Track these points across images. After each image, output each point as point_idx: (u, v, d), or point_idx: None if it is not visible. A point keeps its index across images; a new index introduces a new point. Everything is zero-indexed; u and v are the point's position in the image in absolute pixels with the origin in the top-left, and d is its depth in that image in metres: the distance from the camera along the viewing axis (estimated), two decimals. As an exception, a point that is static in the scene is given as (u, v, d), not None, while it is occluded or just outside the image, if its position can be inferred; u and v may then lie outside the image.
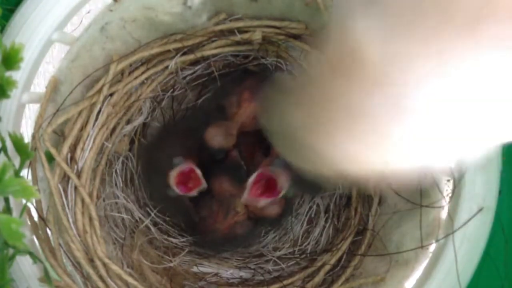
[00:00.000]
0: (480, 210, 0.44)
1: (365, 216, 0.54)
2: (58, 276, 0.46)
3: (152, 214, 0.56)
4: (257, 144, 0.57)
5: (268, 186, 0.49)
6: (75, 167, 0.47)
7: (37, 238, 0.46)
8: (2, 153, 0.41)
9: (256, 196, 0.49)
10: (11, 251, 0.37)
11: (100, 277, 0.46)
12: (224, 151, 0.54)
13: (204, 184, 0.51)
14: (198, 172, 0.51)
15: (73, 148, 0.47)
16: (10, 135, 0.41)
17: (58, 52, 0.71)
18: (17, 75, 0.42)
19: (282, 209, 0.55)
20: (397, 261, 0.48)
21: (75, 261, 0.46)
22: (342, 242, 0.53)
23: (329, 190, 0.57)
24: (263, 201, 0.49)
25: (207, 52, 0.52)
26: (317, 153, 0.30)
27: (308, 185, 0.52)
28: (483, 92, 0.23)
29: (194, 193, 0.52)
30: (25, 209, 0.43)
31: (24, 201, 0.42)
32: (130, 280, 0.46)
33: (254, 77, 0.54)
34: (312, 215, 0.59)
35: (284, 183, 0.49)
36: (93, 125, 0.48)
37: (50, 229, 0.46)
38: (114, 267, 0.46)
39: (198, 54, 0.52)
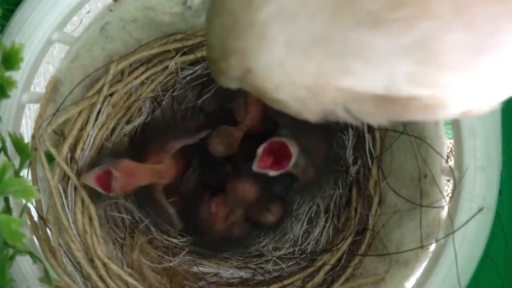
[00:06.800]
0: (480, 210, 0.44)
1: (365, 216, 0.53)
2: (58, 276, 0.46)
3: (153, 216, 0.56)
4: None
5: (277, 158, 0.47)
6: (75, 167, 0.47)
7: (37, 238, 0.46)
8: (2, 153, 0.41)
9: (266, 167, 0.47)
10: (11, 251, 0.37)
11: (100, 277, 0.46)
12: (225, 158, 0.54)
13: None
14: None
15: (73, 148, 0.47)
16: (10, 135, 0.41)
17: (58, 52, 0.71)
18: (17, 75, 0.42)
19: (278, 218, 0.55)
20: (397, 261, 0.48)
21: (75, 261, 0.46)
22: (342, 242, 0.53)
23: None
24: (272, 172, 0.47)
25: (207, 52, 0.52)
26: None
27: (315, 156, 0.51)
28: None
29: None
30: (25, 209, 0.43)
31: (24, 201, 0.42)
32: (130, 280, 0.46)
33: None
34: (312, 215, 0.59)
35: (294, 150, 0.46)
36: (93, 125, 0.48)
37: (50, 229, 0.46)
38: (114, 267, 0.46)
39: (198, 54, 0.52)
